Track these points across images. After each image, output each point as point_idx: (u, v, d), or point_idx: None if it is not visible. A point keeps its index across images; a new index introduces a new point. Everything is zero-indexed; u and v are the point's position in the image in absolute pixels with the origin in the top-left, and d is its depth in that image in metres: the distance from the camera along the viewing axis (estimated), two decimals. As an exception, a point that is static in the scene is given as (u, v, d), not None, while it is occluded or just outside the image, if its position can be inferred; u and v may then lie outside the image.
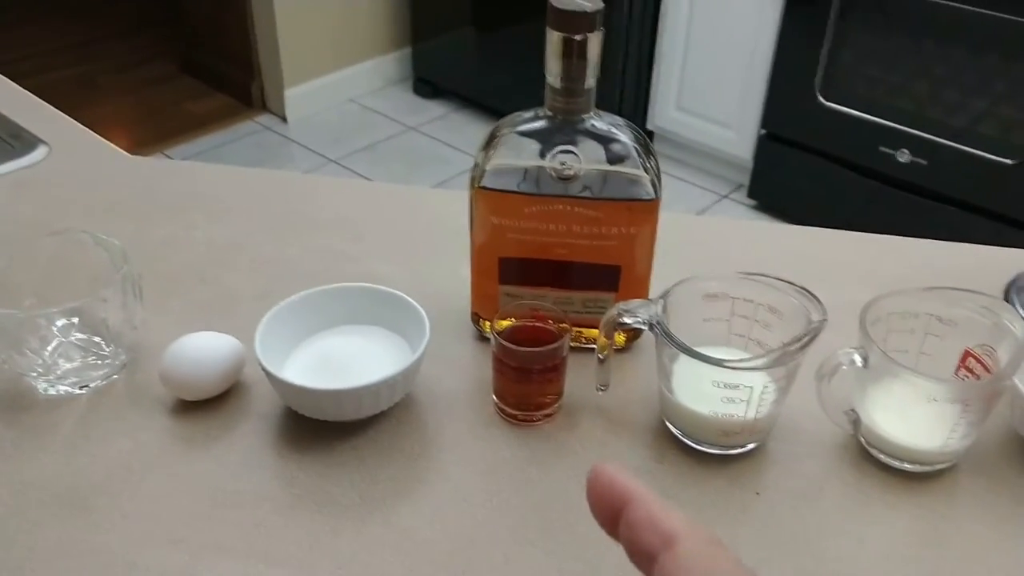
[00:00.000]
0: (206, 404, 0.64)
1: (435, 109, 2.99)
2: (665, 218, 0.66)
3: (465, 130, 2.85)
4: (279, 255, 0.81)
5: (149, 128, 2.84)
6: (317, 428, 0.62)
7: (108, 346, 0.65)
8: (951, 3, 1.92)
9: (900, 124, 2.11)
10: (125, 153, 0.97)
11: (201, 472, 0.60)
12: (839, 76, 2.17)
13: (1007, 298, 0.77)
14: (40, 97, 1.07)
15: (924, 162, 2.10)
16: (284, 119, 2.87)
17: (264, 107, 2.93)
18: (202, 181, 0.94)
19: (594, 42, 0.59)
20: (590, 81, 0.60)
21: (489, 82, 2.80)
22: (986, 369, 0.60)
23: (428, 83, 3.04)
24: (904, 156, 2.12)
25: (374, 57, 3.03)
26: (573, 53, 0.58)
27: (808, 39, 2.17)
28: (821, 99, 2.20)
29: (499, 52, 2.71)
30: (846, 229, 0.87)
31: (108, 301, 0.63)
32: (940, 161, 2.08)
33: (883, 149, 2.15)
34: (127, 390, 0.66)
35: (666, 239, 0.68)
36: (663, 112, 2.57)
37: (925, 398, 0.57)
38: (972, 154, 2.03)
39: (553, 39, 0.58)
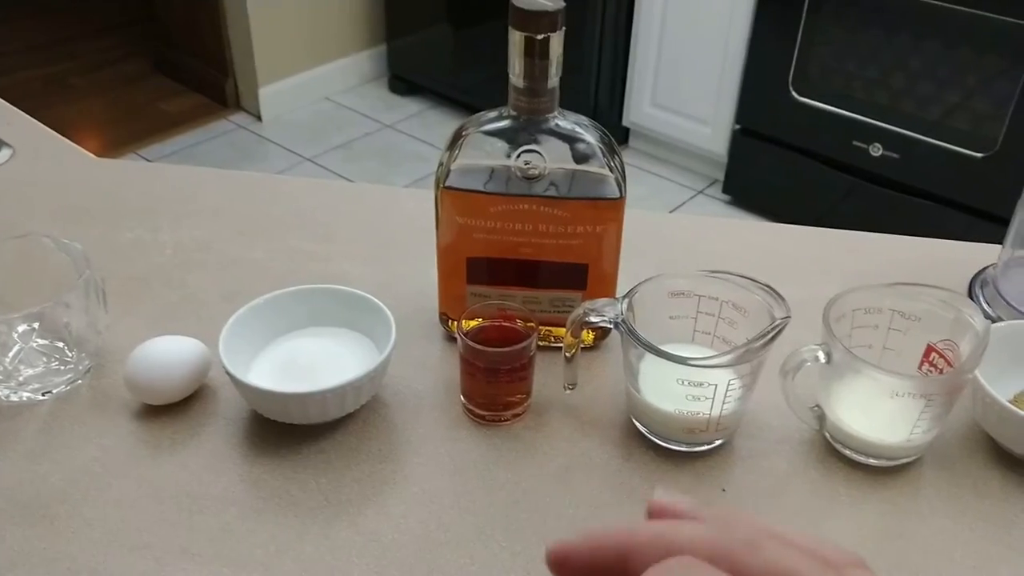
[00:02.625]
0: (172, 408, 0.64)
1: (411, 106, 2.98)
2: (633, 215, 0.66)
3: (441, 127, 2.84)
4: (246, 256, 0.80)
5: (122, 128, 2.82)
6: (283, 431, 0.62)
7: (71, 351, 0.65)
8: (921, -2, 1.94)
9: (873, 118, 2.12)
10: (90, 155, 0.96)
11: (166, 477, 0.59)
12: (812, 71, 2.18)
13: (971, 292, 0.77)
14: (11, 97, 1.06)
15: (896, 156, 2.12)
16: (259, 118, 2.85)
17: (238, 106, 2.91)
18: (169, 183, 0.93)
19: (556, 42, 0.59)
20: (553, 80, 0.60)
21: (465, 79, 2.79)
22: (949, 363, 0.60)
23: (403, 80, 3.02)
24: (877, 150, 2.14)
25: (349, 55, 3.02)
26: (535, 53, 0.58)
27: (781, 34, 2.18)
28: (794, 94, 2.21)
29: (475, 49, 2.71)
30: (820, 223, 0.88)
31: (71, 306, 0.62)
32: (912, 155, 2.09)
33: (856, 143, 2.16)
34: (91, 395, 0.65)
35: (634, 236, 0.68)
36: (638, 108, 2.58)
37: (888, 393, 0.57)
38: (943, 148, 2.04)
39: (515, 39, 0.58)
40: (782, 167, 2.33)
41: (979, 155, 1.99)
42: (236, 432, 0.63)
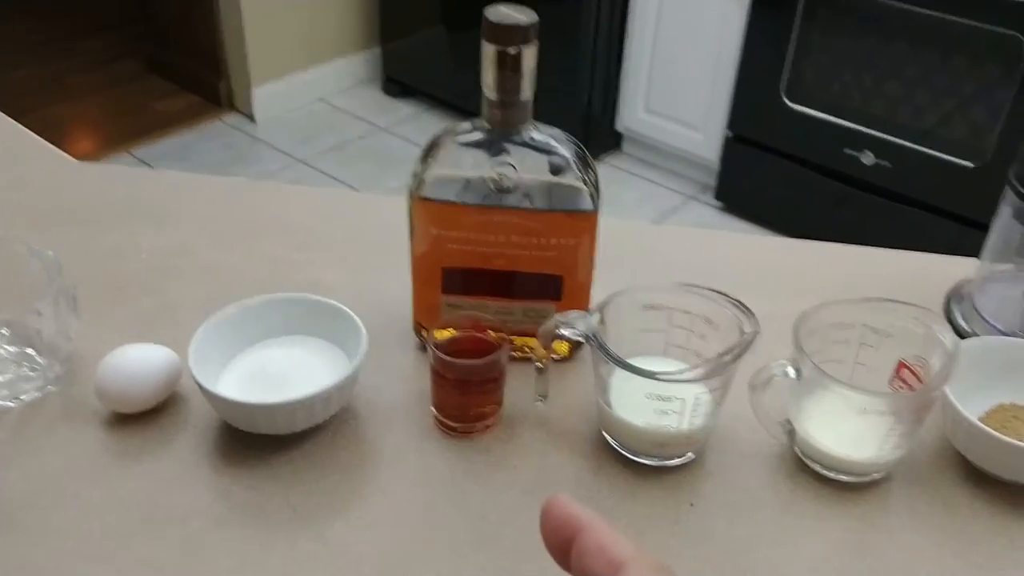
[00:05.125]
0: (142, 417, 0.63)
1: (405, 109, 2.98)
2: (611, 225, 0.66)
3: (435, 130, 2.82)
4: (223, 263, 0.80)
5: (116, 128, 2.81)
6: (253, 441, 0.62)
7: (41, 358, 0.64)
8: (914, 8, 1.94)
9: (864, 127, 2.12)
10: (70, 158, 0.96)
11: (133, 487, 0.59)
12: (804, 79, 2.18)
13: (947, 306, 0.77)
14: (5, 97, 1.06)
15: (888, 164, 2.12)
16: (252, 119, 2.85)
17: (232, 107, 2.90)
18: (148, 188, 0.93)
19: (529, 55, 0.58)
20: (526, 93, 0.60)
21: (459, 81, 2.79)
22: (920, 380, 0.60)
23: (398, 83, 3.03)
24: (868, 158, 2.14)
25: (343, 56, 3.02)
26: (507, 66, 0.58)
27: (774, 42, 2.18)
28: (786, 101, 2.21)
29: (469, 51, 2.70)
30: (812, 230, 0.88)
31: (42, 314, 0.62)
32: (904, 163, 2.09)
33: (848, 151, 2.17)
34: (61, 403, 0.65)
35: (611, 247, 0.68)
36: (631, 114, 2.58)
37: (857, 410, 0.57)
38: (935, 157, 2.05)
39: (488, 52, 0.58)
40: (774, 174, 2.33)
41: (971, 165, 2.00)
42: (205, 442, 0.62)
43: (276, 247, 0.83)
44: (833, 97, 2.15)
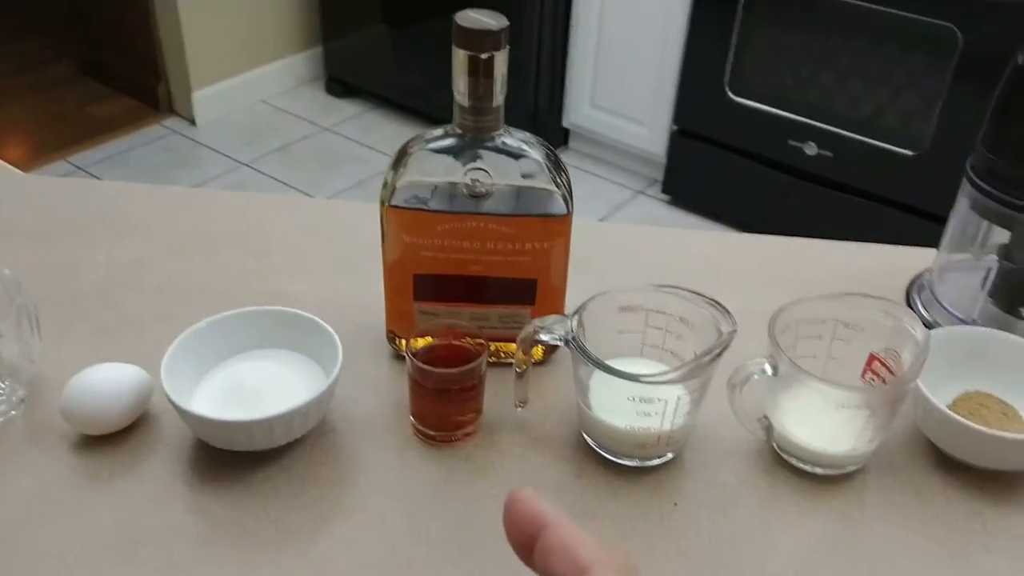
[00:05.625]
0: (112, 438, 0.62)
1: (349, 108, 2.95)
2: (578, 226, 0.66)
3: (380, 129, 2.82)
4: (184, 275, 0.78)
5: (50, 134, 2.73)
6: (229, 458, 0.61)
7: (3, 382, 0.62)
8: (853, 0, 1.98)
9: (807, 118, 2.16)
10: (16, 170, 0.93)
11: (108, 510, 0.57)
12: (747, 71, 2.22)
13: (908, 297, 0.79)
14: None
15: (830, 154, 2.16)
16: (193, 122, 2.80)
17: (171, 110, 2.84)
18: (100, 198, 0.90)
19: (500, 60, 0.58)
20: (499, 99, 0.60)
21: (403, 80, 2.77)
22: (891, 371, 0.62)
23: (340, 82, 2.99)
24: (811, 149, 2.18)
25: (285, 57, 2.98)
26: (479, 71, 0.58)
27: (716, 35, 2.21)
28: (730, 94, 2.25)
29: (412, 49, 2.69)
30: (758, 221, 0.89)
31: (3, 335, 0.60)
32: (846, 153, 2.14)
33: (791, 143, 2.20)
34: (26, 426, 0.63)
35: (579, 248, 0.68)
36: (577, 110, 2.59)
37: (833, 405, 0.58)
38: (876, 146, 2.09)
39: (459, 57, 0.58)
40: (720, 167, 2.36)
41: (910, 153, 2.05)
42: (180, 461, 0.61)
43: (235, 257, 0.81)
44: (776, 89, 2.19)
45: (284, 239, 0.84)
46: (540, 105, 2.57)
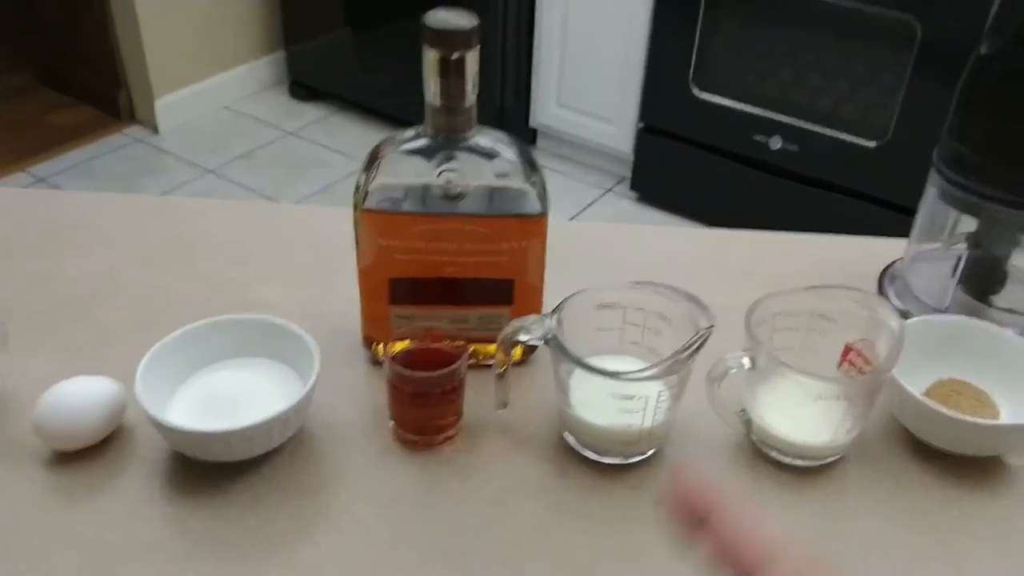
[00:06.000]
0: (86, 453, 0.60)
1: (313, 112, 2.93)
2: (552, 225, 0.66)
3: (345, 132, 2.80)
4: (157, 285, 0.77)
5: (8, 145, 2.68)
6: (208, 469, 0.60)
7: (-28, 399, 0.61)
8: (811, -5, 2.00)
9: (771, 112, 2.18)
10: (-20, 184, 0.91)
11: (85, 527, 0.56)
12: (711, 67, 2.23)
13: (881, 287, 0.80)
14: None
15: (795, 148, 2.18)
16: (156, 130, 2.76)
17: (133, 118, 2.80)
18: (69, 209, 0.89)
19: (471, 60, 0.58)
20: (470, 98, 0.60)
21: (367, 82, 2.75)
22: (867, 361, 0.62)
23: (304, 86, 2.97)
24: (776, 143, 2.20)
25: (247, 62, 2.94)
26: (451, 72, 0.58)
27: (680, 31, 2.22)
28: (695, 91, 2.26)
29: (375, 51, 2.67)
30: (725, 216, 0.90)
31: (-31, 351, 0.59)
32: (810, 146, 2.16)
33: (756, 137, 2.22)
34: (-3, 444, 0.62)
35: (555, 247, 0.67)
36: (544, 109, 2.59)
37: (812, 396, 0.59)
38: (839, 138, 2.12)
39: (429, 58, 0.58)
40: (686, 163, 2.37)
41: (872, 144, 2.07)
42: (158, 474, 0.60)
43: (209, 266, 0.80)
44: (739, 84, 2.21)
45: (258, 246, 0.84)
46: (507, 105, 2.57)
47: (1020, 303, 0.75)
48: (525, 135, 2.69)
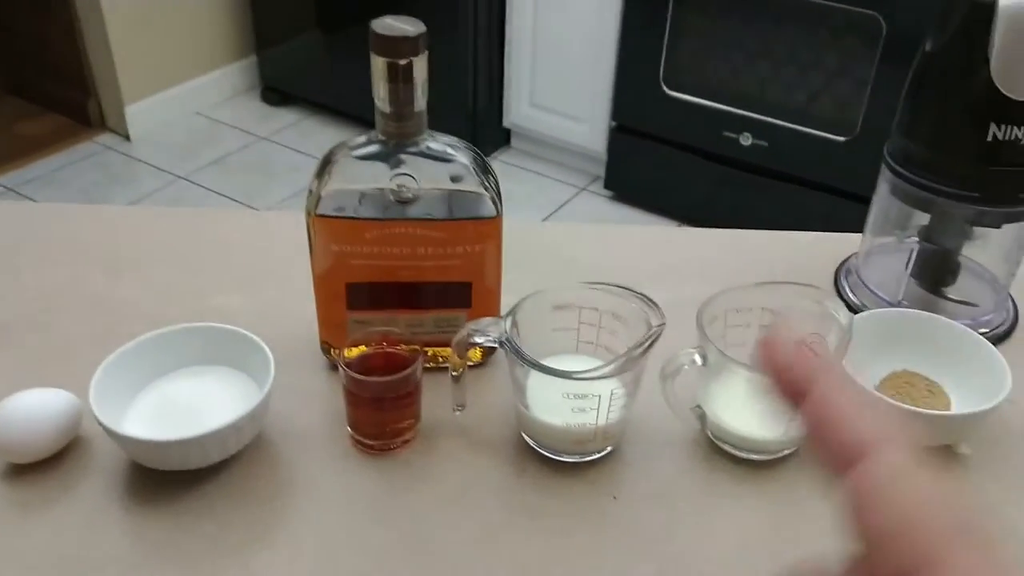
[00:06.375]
0: (41, 465, 0.60)
1: (286, 117, 2.92)
2: (514, 226, 0.66)
3: (318, 136, 2.79)
4: (115, 295, 0.77)
5: (-24, 154, 2.66)
6: (165, 478, 0.60)
7: (-75, 414, 0.60)
8: (778, -8, 2.02)
9: (741, 109, 2.20)
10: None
11: (39, 540, 0.56)
12: (681, 65, 2.24)
13: (837, 281, 0.81)
14: None
15: (765, 144, 2.20)
16: (127, 137, 2.74)
17: (104, 126, 2.79)
18: (26, 220, 0.88)
19: (420, 65, 0.58)
20: (420, 104, 0.60)
21: (339, 86, 2.75)
22: (818, 356, 0.63)
23: (276, 91, 2.96)
24: (746, 139, 2.22)
25: (218, 67, 2.94)
26: (399, 78, 0.58)
27: (649, 29, 2.23)
28: (665, 89, 2.27)
29: (347, 55, 2.67)
30: (698, 212, 0.90)
31: (-79, 366, 0.58)
32: (779, 142, 2.18)
33: (727, 134, 2.24)
34: (-49, 458, 0.61)
35: (515, 249, 0.68)
36: (517, 109, 2.60)
37: (761, 391, 0.59)
38: (808, 133, 2.13)
39: (377, 64, 0.58)
40: (659, 161, 2.38)
41: (841, 139, 2.09)
42: (115, 484, 0.60)
43: (167, 274, 0.80)
44: (709, 82, 2.22)
45: (218, 253, 0.84)
46: (480, 106, 2.57)
47: (972, 294, 0.76)
48: (499, 135, 2.70)
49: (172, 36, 2.75)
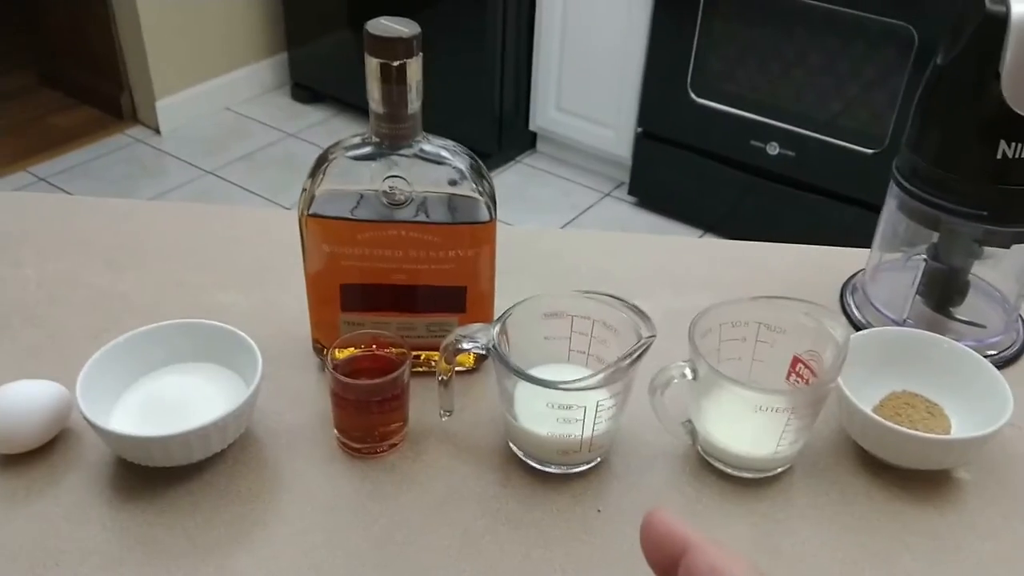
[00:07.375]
0: (28, 456, 0.61)
1: (314, 114, 2.94)
2: (510, 232, 0.66)
3: (346, 134, 2.75)
4: (115, 290, 0.78)
5: (9, 145, 2.70)
6: (149, 474, 0.60)
7: (-83, 401, 0.61)
8: (809, 0, 1.99)
9: (769, 118, 2.17)
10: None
11: (21, 531, 0.56)
12: (709, 73, 2.22)
13: (842, 298, 0.79)
14: None
15: (792, 154, 2.17)
16: (157, 131, 2.77)
17: (135, 119, 2.82)
18: (33, 212, 0.89)
19: (414, 67, 0.58)
20: (414, 106, 0.60)
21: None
22: (814, 374, 0.62)
23: (306, 88, 2.98)
24: (774, 149, 2.19)
25: (249, 64, 2.96)
26: (392, 79, 0.58)
27: (678, 36, 2.22)
28: (693, 96, 2.25)
29: (377, 56, 2.67)
30: (722, 221, 0.89)
31: (-86, 354, 0.59)
32: (807, 152, 2.15)
33: (754, 143, 2.21)
34: (-59, 446, 0.62)
35: (514, 255, 0.67)
36: (544, 113, 2.59)
37: (752, 408, 0.58)
38: (836, 145, 2.10)
39: (371, 65, 0.58)
40: (684, 168, 2.36)
41: (870, 151, 2.06)
42: (100, 478, 0.60)
43: (168, 270, 0.80)
44: (737, 90, 2.20)
45: (218, 250, 0.84)
46: (506, 109, 2.57)
47: (981, 315, 0.74)
48: (525, 139, 2.69)
49: (204, 32, 2.78)
